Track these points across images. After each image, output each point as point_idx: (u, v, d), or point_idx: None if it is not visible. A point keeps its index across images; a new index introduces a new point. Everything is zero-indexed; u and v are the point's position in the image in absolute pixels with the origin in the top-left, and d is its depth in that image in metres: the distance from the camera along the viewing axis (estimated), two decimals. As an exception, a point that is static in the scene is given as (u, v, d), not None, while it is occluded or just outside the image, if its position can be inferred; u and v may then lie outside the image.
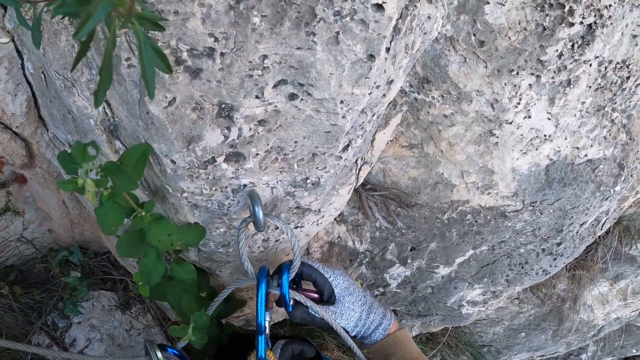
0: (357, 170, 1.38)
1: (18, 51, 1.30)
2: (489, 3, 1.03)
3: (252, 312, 1.89)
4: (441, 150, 1.41)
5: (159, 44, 0.81)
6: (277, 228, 1.26)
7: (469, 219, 1.59)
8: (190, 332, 1.22)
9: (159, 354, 1.37)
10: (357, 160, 1.31)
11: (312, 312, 1.25)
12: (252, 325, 1.97)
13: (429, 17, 1.02)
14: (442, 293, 1.93)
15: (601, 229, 1.77)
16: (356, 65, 0.87)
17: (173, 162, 0.99)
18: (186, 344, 1.37)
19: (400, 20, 0.88)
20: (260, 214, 1.07)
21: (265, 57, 0.84)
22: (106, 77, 0.54)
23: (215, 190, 1.08)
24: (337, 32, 0.81)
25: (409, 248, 1.79)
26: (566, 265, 2.27)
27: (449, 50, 1.15)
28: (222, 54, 0.82)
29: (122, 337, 2.04)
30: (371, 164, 1.46)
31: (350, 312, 1.27)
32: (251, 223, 1.14)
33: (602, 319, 2.73)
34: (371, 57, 0.87)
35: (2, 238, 1.91)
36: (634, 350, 3.47)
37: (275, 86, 0.90)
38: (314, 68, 0.86)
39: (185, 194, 1.07)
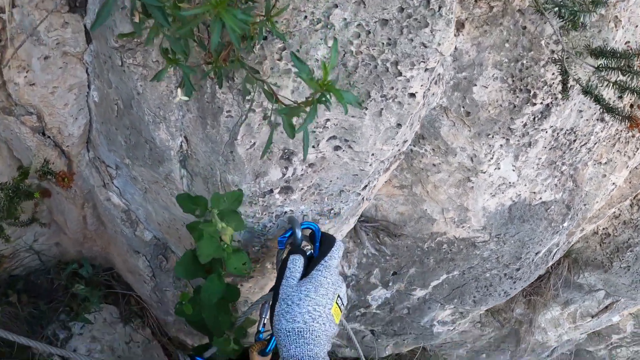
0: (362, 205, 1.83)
1: (89, 81, 1.67)
2: (476, 85, 1.54)
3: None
4: (427, 191, 1.89)
5: (254, 103, 1.24)
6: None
7: (444, 248, 2.08)
8: (232, 344, 1.59)
9: None
10: (364, 197, 1.76)
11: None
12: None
13: (433, 94, 1.51)
14: (416, 313, 2.41)
15: (552, 259, 2.32)
16: (388, 130, 1.34)
17: (240, 190, 1.40)
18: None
19: (422, 103, 1.36)
20: (299, 234, 1.48)
21: (328, 120, 1.29)
22: (269, 142, 0.98)
23: (265, 214, 1.50)
24: (382, 109, 1.28)
25: (391, 273, 2.25)
26: (523, 292, 2.82)
27: (442, 116, 1.65)
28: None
29: (122, 349, 2.35)
30: (369, 200, 1.92)
31: (291, 304, 1.25)
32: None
33: (554, 341, 3.32)
34: (399, 125, 1.34)
35: (13, 248, 2.20)
36: None
37: (327, 140, 1.35)
38: (360, 130, 1.33)
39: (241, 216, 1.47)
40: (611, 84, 1.30)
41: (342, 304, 1.34)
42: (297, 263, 1.32)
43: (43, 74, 1.65)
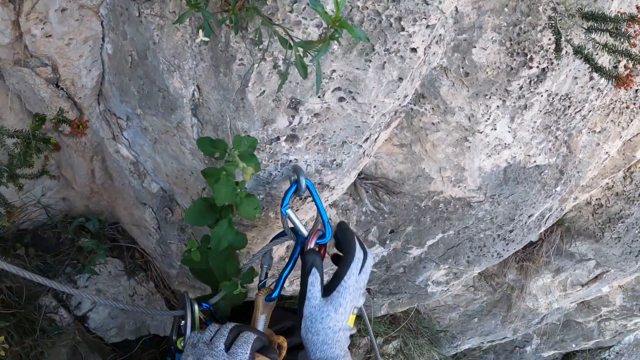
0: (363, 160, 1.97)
1: (103, 34, 1.79)
2: (475, 47, 1.67)
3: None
4: (425, 150, 2.03)
5: (266, 52, 1.37)
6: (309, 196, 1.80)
7: (441, 207, 2.23)
8: (240, 288, 1.74)
9: (196, 308, 1.88)
10: (365, 152, 1.90)
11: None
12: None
13: (434, 53, 1.64)
14: (412, 272, 2.57)
15: (545, 224, 2.47)
16: (390, 84, 1.48)
17: (254, 138, 1.53)
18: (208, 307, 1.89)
19: (423, 59, 1.49)
20: (303, 181, 1.62)
21: (334, 71, 1.42)
22: (285, 77, 1.11)
23: (271, 162, 1.64)
24: (384, 62, 1.41)
25: (389, 231, 2.40)
26: (515, 257, 2.99)
27: (442, 76, 1.78)
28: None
29: (126, 302, 2.51)
30: (370, 156, 2.06)
31: (317, 325, 1.48)
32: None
33: (545, 308, 3.51)
34: (400, 79, 1.47)
35: (22, 202, 2.34)
36: (574, 345, 4.31)
37: (333, 91, 1.49)
38: (363, 82, 1.46)
39: (250, 163, 1.61)
40: (601, 46, 1.43)
41: (358, 310, 1.59)
42: (315, 284, 1.51)
43: (60, 26, 1.77)
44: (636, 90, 2.07)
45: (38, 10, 1.72)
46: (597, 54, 1.55)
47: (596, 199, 2.74)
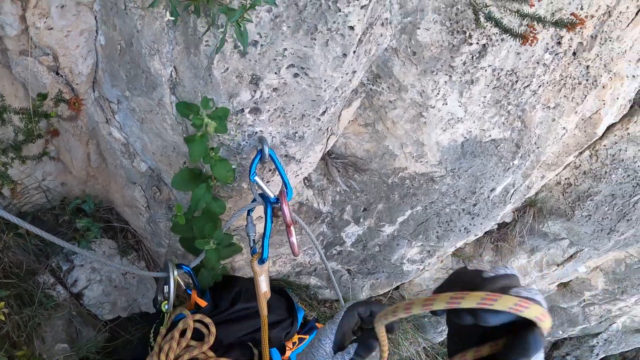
0: (328, 136, 2.35)
1: (97, 27, 2.21)
2: (419, 28, 2.04)
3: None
4: (387, 128, 2.40)
5: (227, 34, 1.76)
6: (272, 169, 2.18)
7: (407, 183, 2.58)
8: (212, 244, 2.11)
9: (175, 271, 2.27)
10: (328, 128, 2.28)
11: None
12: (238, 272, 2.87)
13: (381, 35, 2.03)
14: (387, 250, 2.92)
15: (511, 200, 2.81)
16: (335, 59, 1.86)
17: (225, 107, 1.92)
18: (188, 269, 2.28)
19: (363, 36, 1.87)
20: (266, 149, 2.00)
21: (285, 49, 1.81)
22: (222, 41, 1.50)
23: (238, 132, 2.02)
24: (327, 40, 1.79)
25: (362, 209, 2.76)
26: (490, 238, 3.32)
27: (394, 57, 2.15)
28: (261, 45, 1.78)
29: (119, 280, 2.90)
30: (337, 135, 2.44)
31: None
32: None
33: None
34: (344, 55, 1.85)
35: (24, 185, 2.76)
36: (560, 332, 4.56)
37: (287, 67, 1.87)
38: (312, 59, 1.84)
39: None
40: (514, 12, 1.81)
41: None
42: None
43: (60, 20, 2.20)
44: (587, 67, 2.41)
45: (41, 6, 2.16)
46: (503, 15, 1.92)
47: (565, 179, 3.05)
